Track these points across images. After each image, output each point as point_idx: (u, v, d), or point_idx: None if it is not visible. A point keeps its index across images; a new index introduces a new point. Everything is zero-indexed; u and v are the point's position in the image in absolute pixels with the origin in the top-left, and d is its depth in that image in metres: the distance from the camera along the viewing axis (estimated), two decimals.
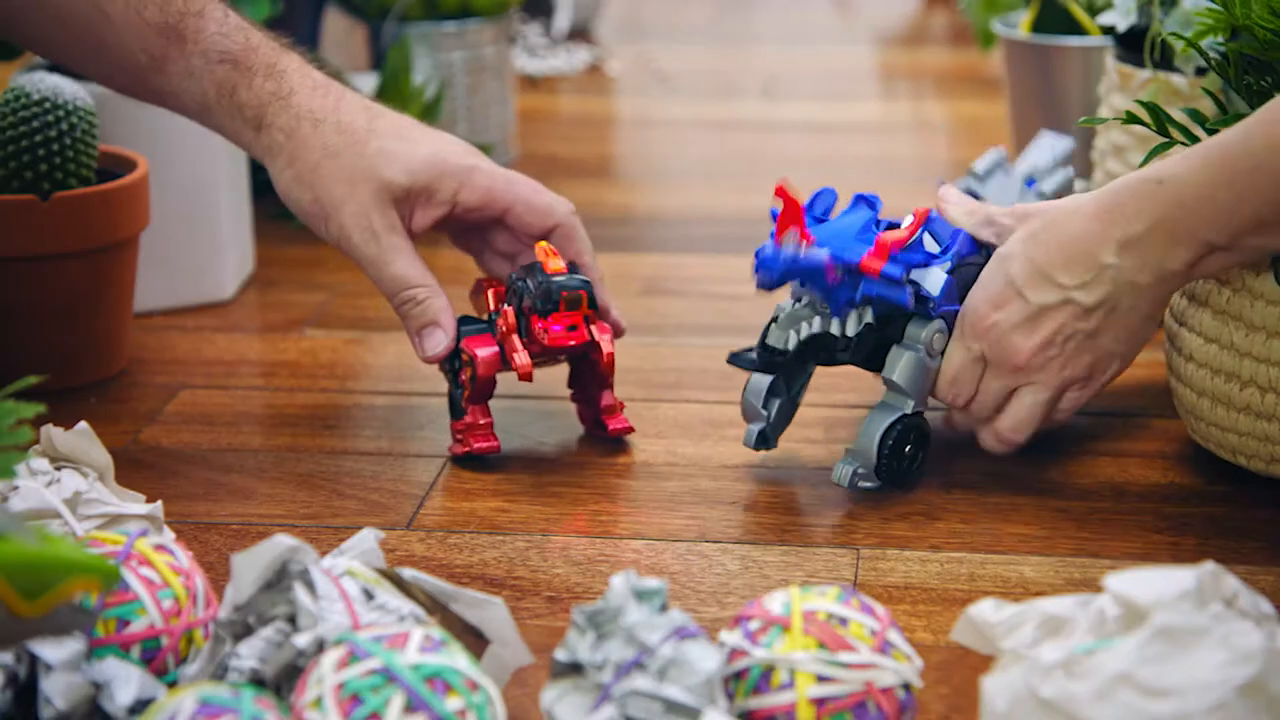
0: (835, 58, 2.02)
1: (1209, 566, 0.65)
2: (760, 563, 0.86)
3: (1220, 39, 0.87)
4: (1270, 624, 0.64)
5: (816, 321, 0.89)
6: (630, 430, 0.98)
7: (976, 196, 0.99)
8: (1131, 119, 0.90)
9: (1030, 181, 1.00)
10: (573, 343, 0.94)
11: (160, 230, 1.15)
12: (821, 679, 0.66)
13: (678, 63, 1.97)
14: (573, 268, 0.95)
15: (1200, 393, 0.92)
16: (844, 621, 0.68)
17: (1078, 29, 1.38)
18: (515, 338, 0.94)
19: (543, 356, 0.95)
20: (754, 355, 0.92)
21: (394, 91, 1.40)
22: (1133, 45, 1.26)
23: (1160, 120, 0.90)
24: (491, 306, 0.98)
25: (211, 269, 1.21)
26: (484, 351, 0.95)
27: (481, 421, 0.96)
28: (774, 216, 0.90)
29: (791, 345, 0.90)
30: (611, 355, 0.95)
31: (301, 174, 0.96)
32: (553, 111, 1.80)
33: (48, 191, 1.04)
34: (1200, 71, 1.20)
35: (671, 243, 1.37)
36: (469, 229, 1.01)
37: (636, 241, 1.36)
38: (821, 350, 0.91)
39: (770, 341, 0.90)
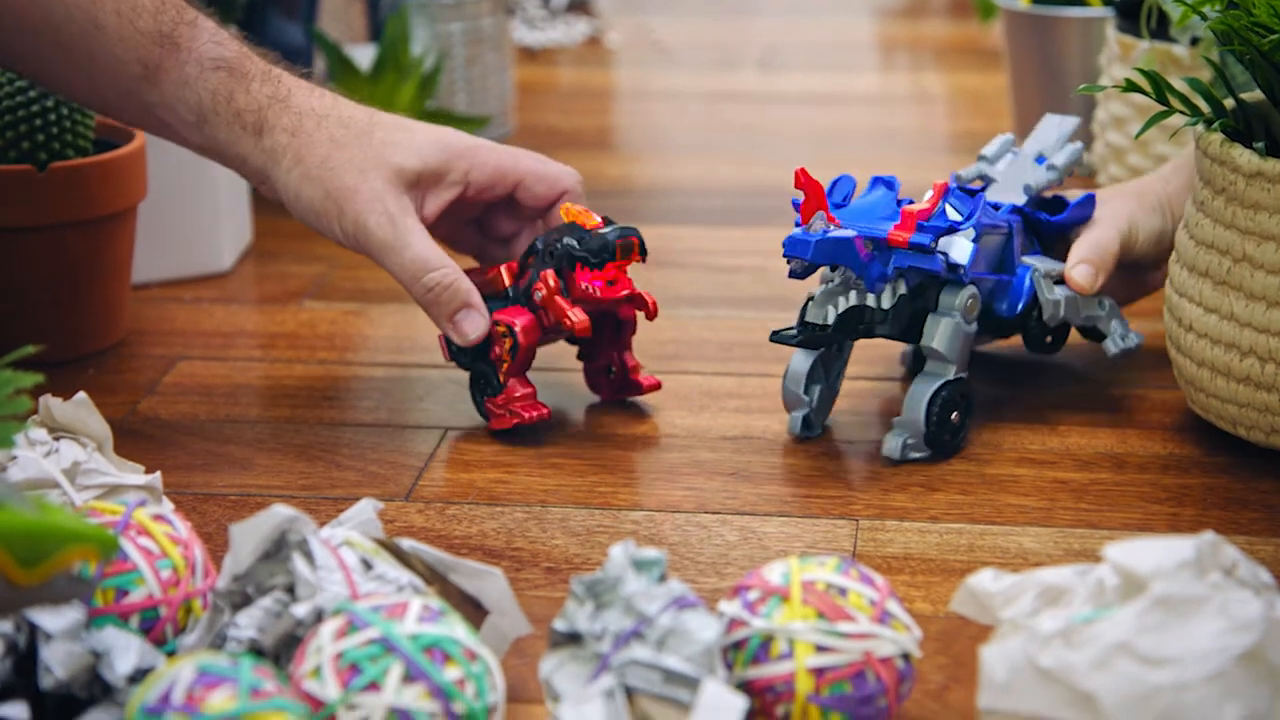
0: (834, 29, 2.01)
1: (1208, 536, 0.65)
2: (759, 534, 0.86)
3: (1218, 7, 0.87)
4: (1269, 593, 0.64)
5: (853, 295, 0.91)
6: (659, 386, 1.00)
7: (988, 180, 1.01)
8: (1131, 87, 0.90)
9: (1041, 159, 1.00)
10: (625, 292, 0.94)
11: (158, 201, 1.15)
12: (820, 649, 0.66)
13: (677, 34, 1.97)
14: (608, 220, 0.95)
15: (1200, 363, 0.91)
16: (843, 592, 0.68)
17: (1078, 0, 1.38)
18: (561, 298, 0.94)
19: (593, 313, 0.96)
20: (795, 332, 0.92)
21: (392, 63, 1.40)
22: (1133, 16, 1.26)
23: (1160, 89, 0.90)
24: (507, 281, 0.97)
25: (209, 240, 1.21)
26: (522, 320, 0.95)
27: (525, 391, 0.96)
28: (796, 206, 0.91)
29: (830, 320, 0.91)
30: (655, 304, 0.96)
31: (310, 170, 0.94)
32: (551, 83, 1.79)
33: (45, 162, 1.04)
34: (1195, 41, 1.20)
35: (670, 214, 1.36)
36: (469, 218, 1.01)
37: (635, 213, 1.36)
38: (860, 324, 0.92)
39: (809, 318, 0.91)
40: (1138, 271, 1.03)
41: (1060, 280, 0.98)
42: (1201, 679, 0.61)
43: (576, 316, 0.94)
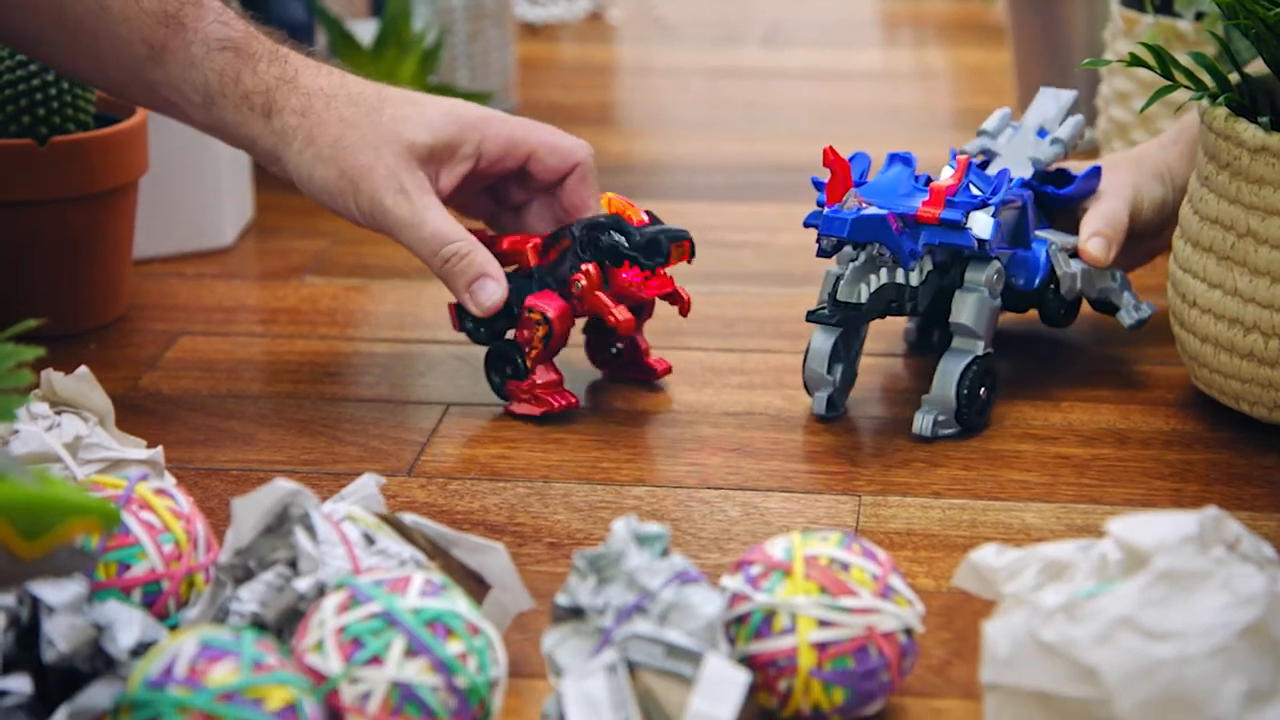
0: (837, 5, 2.00)
1: (1211, 511, 0.64)
2: (761, 509, 0.86)
3: None
4: (1273, 568, 0.64)
5: (883, 273, 0.90)
6: (670, 369, 1.00)
7: (991, 155, 1.00)
8: (1135, 62, 0.89)
9: (1042, 133, 1.00)
10: (669, 289, 0.95)
11: (160, 176, 1.14)
12: (823, 623, 0.66)
13: (679, 10, 1.96)
14: (653, 217, 0.95)
15: (1203, 339, 0.91)
16: (846, 566, 0.68)
17: None
18: (603, 294, 0.93)
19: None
20: (829, 312, 0.92)
21: (394, 38, 1.39)
22: None
23: (1165, 64, 0.89)
24: (533, 260, 0.97)
25: (211, 215, 1.21)
26: (556, 308, 0.94)
27: (551, 378, 0.95)
28: (816, 184, 0.90)
29: (864, 298, 0.90)
30: (690, 301, 0.96)
31: (322, 151, 0.93)
32: (553, 59, 1.79)
33: (46, 136, 1.04)
34: (1199, 16, 1.19)
35: (673, 190, 1.36)
36: (483, 189, 1.00)
37: (637, 189, 1.36)
38: (891, 301, 0.92)
39: (842, 297, 0.91)
40: (1140, 240, 1.02)
41: (1074, 254, 0.98)
42: (1204, 653, 0.61)
43: (621, 315, 0.93)
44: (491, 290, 0.94)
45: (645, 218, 0.94)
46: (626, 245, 0.93)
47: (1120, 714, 0.61)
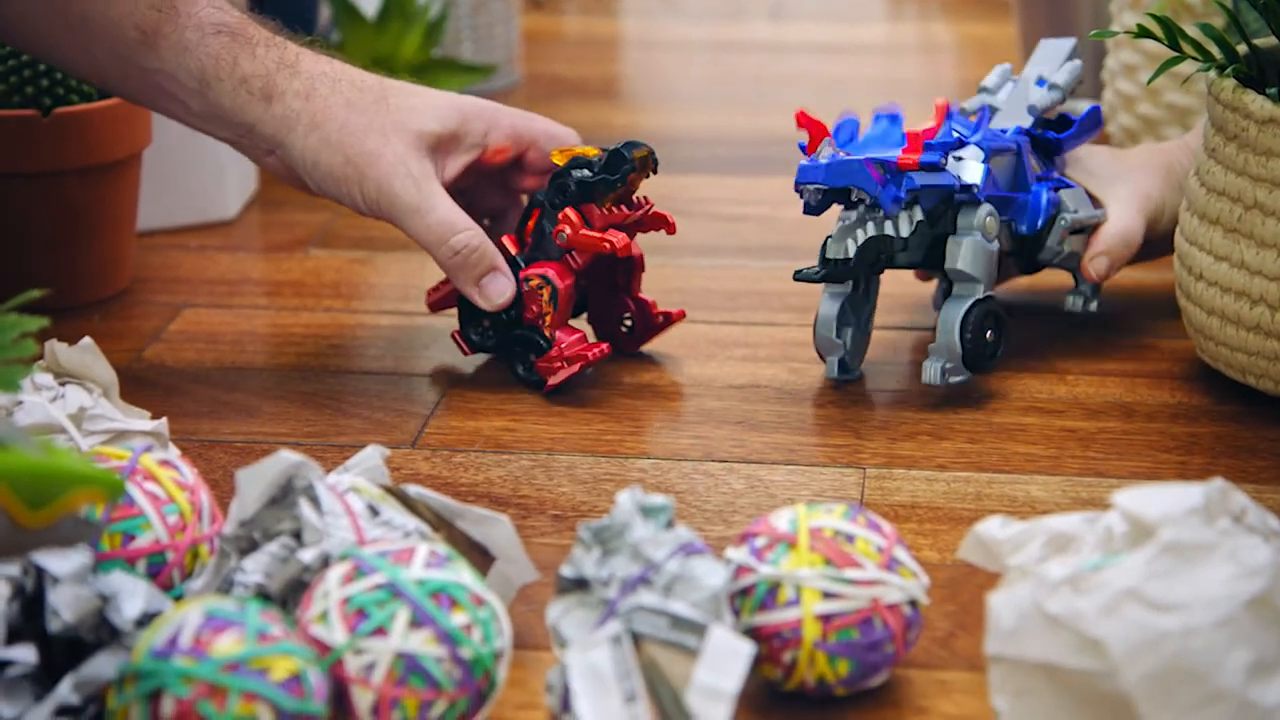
0: None
1: (1217, 483, 0.64)
2: (766, 482, 0.86)
3: None
4: (1278, 540, 0.64)
5: (870, 226, 0.91)
6: (684, 315, 1.00)
7: (992, 110, 1.00)
8: (1143, 33, 0.89)
9: (1041, 81, 1.00)
10: (651, 208, 0.95)
11: (163, 149, 1.14)
12: (828, 595, 0.66)
13: None
14: (603, 148, 0.95)
15: (1210, 311, 0.91)
16: (851, 538, 0.68)
17: None
18: (588, 231, 0.93)
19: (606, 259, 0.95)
20: (818, 269, 0.92)
21: (398, 11, 1.39)
22: None
23: (1172, 35, 0.89)
24: (514, 250, 0.96)
25: (214, 188, 1.21)
26: (553, 270, 0.94)
27: (575, 336, 0.94)
28: (801, 148, 0.91)
29: (851, 253, 0.90)
30: (672, 219, 0.96)
31: (329, 135, 0.92)
32: (558, 32, 1.78)
33: (49, 107, 1.03)
34: None
35: (677, 164, 1.35)
36: (483, 183, 1.00)
37: None
38: (881, 254, 0.92)
39: (830, 254, 0.91)
40: (1155, 244, 1.01)
41: (1076, 230, 0.97)
42: (1210, 624, 0.61)
43: (616, 239, 0.92)
44: (503, 285, 0.94)
45: (600, 150, 0.94)
46: (591, 173, 0.93)
47: (1125, 686, 0.61)
